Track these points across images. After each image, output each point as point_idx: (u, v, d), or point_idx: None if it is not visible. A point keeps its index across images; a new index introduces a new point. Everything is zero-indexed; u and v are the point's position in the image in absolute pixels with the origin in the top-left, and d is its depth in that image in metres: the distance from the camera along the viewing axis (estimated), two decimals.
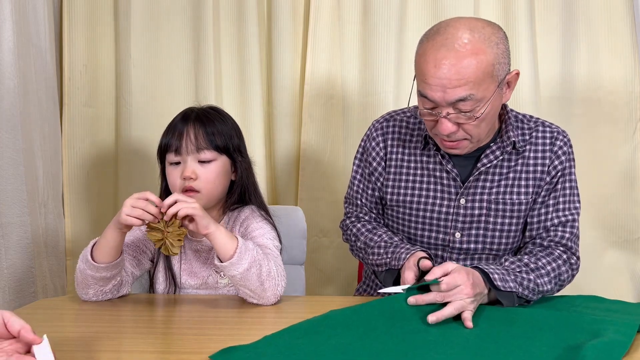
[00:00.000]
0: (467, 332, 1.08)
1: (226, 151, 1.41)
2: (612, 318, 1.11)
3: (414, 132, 1.45)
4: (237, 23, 2.05)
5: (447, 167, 1.38)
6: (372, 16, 2.02)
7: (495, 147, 1.37)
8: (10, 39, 1.56)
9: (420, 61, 1.25)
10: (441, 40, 1.22)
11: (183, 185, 1.37)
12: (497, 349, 1.00)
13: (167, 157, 1.41)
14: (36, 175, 1.71)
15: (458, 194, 1.38)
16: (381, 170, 1.47)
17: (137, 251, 1.43)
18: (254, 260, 1.25)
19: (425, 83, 1.23)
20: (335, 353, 0.99)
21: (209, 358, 0.97)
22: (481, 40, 1.21)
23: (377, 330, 1.09)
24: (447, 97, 1.21)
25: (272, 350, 1.01)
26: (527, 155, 1.38)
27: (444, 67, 1.19)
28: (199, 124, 1.39)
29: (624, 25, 1.98)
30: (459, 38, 1.21)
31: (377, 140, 1.48)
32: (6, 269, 1.53)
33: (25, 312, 1.31)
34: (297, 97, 2.07)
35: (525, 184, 1.37)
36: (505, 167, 1.38)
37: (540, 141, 1.38)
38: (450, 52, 1.20)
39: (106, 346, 1.09)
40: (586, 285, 2.03)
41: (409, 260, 1.27)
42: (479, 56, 1.20)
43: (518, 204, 1.37)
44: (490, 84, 1.23)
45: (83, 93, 2.00)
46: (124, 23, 2.01)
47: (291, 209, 1.74)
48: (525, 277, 1.24)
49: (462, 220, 1.38)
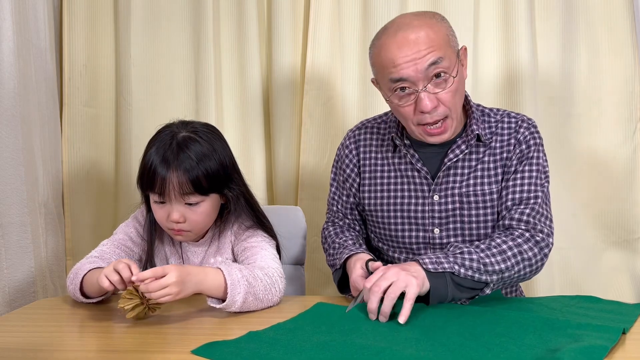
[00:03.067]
0: (449, 330, 1.09)
1: (214, 190, 1.34)
2: (601, 322, 1.11)
3: (385, 137, 1.49)
4: (237, 23, 2.05)
5: (417, 165, 1.41)
6: (372, 16, 2.02)
7: (460, 141, 1.40)
8: (10, 39, 1.56)
9: (382, 54, 1.30)
10: (394, 29, 1.30)
11: (171, 226, 1.34)
12: (477, 346, 1.01)
13: (151, 196, 1.34)
14: (36, 175, 1.71)
15: (430, 191, 1.41)
16: (354, 177, 1.51)
17: (128, 253, 1.43)
18: (247, 291, 1.22)
19: (395, 67, 1.28)
20: (318, 349, 1.00)
21: (191, 352, 0.98)
22: (427, 18, 1.31)
23: (361, 328, 1.11)
24: (419, 66, 1.26)
25: (254, 345, 1.02)
26: (494, 146, 1.40)
27: (408, 43, 1.27)
28: (182, 171, 1.28)
29: (624, 25, 1.97)
30: (409, 21, 1.30)
31: (349, 149, 1.52)
32: (6, 269, 1.53)
33: (25, 312, 1.31)
34: (297, 97, 2.07)
35: (494, 173, 1.39)
36: (473, 159, 1.40)
37: (506, 131, 1.41)
38: (407, 32, 1.28)
39: (107, 346, 1.09)
40: (586, 285, 2.04)
41: (356, 265, 1.31)
42: (433, 27, 1.29)
43: (490, 194, 1.39)
44: (451, 53, 1.30)
45: (83, 93, 2.00)
46: (124, 23, 2.01)
47: (291, 209, 1.74)
48: (467, 257, 1.24)
49: (439, 216, 1.41)
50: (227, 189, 1.37)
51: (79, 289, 1.30)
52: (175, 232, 1.35)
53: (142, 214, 1.47)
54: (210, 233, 1.45)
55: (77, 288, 1.30)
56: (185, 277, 1.16)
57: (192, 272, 1.19)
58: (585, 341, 0.99)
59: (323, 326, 1.12)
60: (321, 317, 1.18)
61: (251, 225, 1.42)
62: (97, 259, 1.37)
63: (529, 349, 0.99)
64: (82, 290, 1.30)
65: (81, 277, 1.30)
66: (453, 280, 1.22)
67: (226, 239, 1.44)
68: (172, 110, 1.46)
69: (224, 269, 1.22)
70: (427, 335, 1.07)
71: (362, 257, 1.34)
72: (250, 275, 1.24)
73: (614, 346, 1.00)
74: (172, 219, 1.32)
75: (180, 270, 1.16)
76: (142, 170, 1.34)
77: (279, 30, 2.03)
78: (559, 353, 0.94)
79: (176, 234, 1.36)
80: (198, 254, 1.45)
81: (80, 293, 1.30)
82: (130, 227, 1.46)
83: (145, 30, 2.02)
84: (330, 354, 0.98)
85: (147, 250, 1.45)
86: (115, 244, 1.42)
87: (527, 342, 1.02)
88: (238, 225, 1.43)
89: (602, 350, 0.96)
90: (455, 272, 1.22)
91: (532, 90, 1.99)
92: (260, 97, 2.07)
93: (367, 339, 1.04)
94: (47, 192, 1.79)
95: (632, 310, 1.22)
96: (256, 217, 1.43)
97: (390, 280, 1.16)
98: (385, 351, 0.98)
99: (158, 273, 1.14)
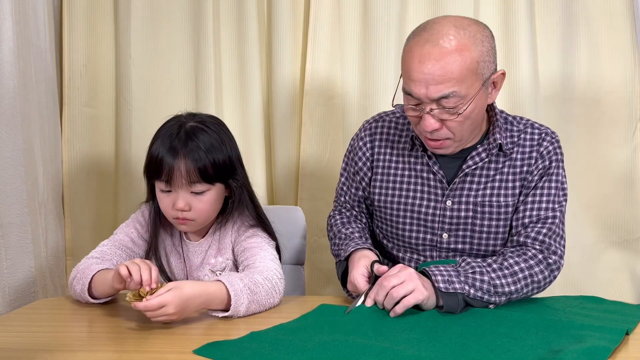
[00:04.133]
0: (451, 330, 1.09)
1: (220, 179, 1.36)
2: (603, 323, 1.11)
3: (402, 132, 1.46)
4: (237, 23, 2.05)
5: (434, 168, 1.39)
6: (372, 16, 2.02)
7: (481, 148, 1.36)
8: (10, 39, 1.56)
9: (406, 57, 1.26)
10: (427, 36, 1.23)
11: (176, 215, 1.34)
12: (479, 347, 1.01)
13: (157, 184, 1.35)
14: (36, 175, 1.71)
15: (444, 196, 1.38)
16: (366, 171, 1.48)
17: (129, 253, 1.43)
18: (250, 300, 1.22)
19: (410, 79, 1.24)
20: (320, 349, 1.00)
21: (193, 352, 0.98)
22: (466, 37, 1.22)
23: (363, 328, 1.11)
24: (430, 94, 1.22)
25: (256, 345, 1.02)
26: (515, 157, 1.36)
27: (428, 63, 1.20)
28: (190, 160, 1.30)
29: (624, 25, 1.97)
30: (444, 35, 1.21)
31: (364, 141, 1.49)
32: (6, 269, 1.53)
33: (25, 312, 1.31)
34: (297, 98, 2.07)
35: (512, 185, 1.35)
36: (492, 169, 1.37)
37: (528, 142, 1.37)
38: (434, 48, 1.20)
39: (107, 346, 1.09)
40: (586, 285, 2.03)
41: (360, 262, 1.29)
42: (464, 53, 1.20)
43: (505, 206, 1.35)
44: (474, 82, 1.23)
45: (83, 93, 2.00)
46: (124, 23, 2.01)
47: (291, 209, 1.74)
48: (479, 278, 1.22)
49: (449, 221, 1.38)
50: (232, 179, 1.38)
51: (87, 290, 1.29)
52: (180, 221, 1.35)
53: (142, 214, 1.47)
54: (211, 232, 1.45)
55: (85, 289, 1.29)
56: (184, 305, 1.15)
57: (193, 295, 1.17)
58: (588, 342, 0.99)
59: (325, 326, 1.12)
60: (323, 318, 1.18)
61: (252, 226, 1.42)
62: (98, 259, 1.36)
63: (531, 350, 0.99)
64: (89, 291, 1.30)
65: (90, 277, 1.29)
66: (463, 299, 1.22)
67: (227, 239, 1.44)
68: (172, 110, 1.45)
69: (225, 281, 1.22)
70: (429, 335, 1.07)
71: (368, 254, 1.33)
72: (251, 283, 1.24)
73: (616, 347, 0.99)
74: (178, 207, 1.32)
75: (179, 298, 1.14)
76: (149, 159, 1.35)
77: (279, 30, 2.03)
78: (561, 354, 0.94)
79: (180, 223, 1.36)
80: (198, 254, 1.45)
81: (88, 294, 1.29)
82: (130, 228, 1.46)
83: (145, 30, 2.02)
84: (332, 354, 0.98)
85: (149, 242, 1.45)
86: (115, 245, 1.42)
87: (530, 342, 1.02)
88: (239, 224, 1.43)
89: (605, 351, 0.96)
90: (465, 293, 1.21)
91: (532, 90, 1.99)
92: (260, 97, 2.07)
93: (369, 339, 1.04)
94: (47, 192, 1.78)
95: (636, 311, 1.22)
96: (257, 215, 1.44)
97: (402, 280, 1.17)
98: (387, 351, 0.98)
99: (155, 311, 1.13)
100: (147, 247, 1.45)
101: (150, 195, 1.42)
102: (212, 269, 1.43)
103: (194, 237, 1.46)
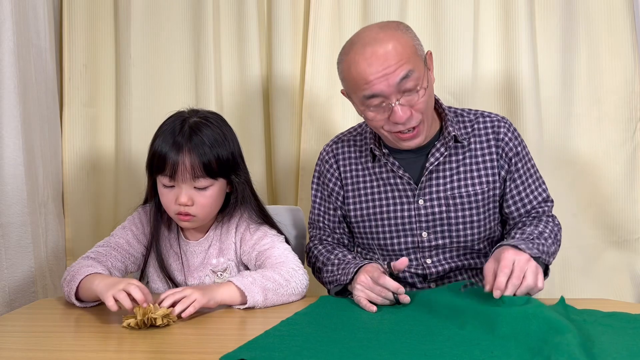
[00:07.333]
0: (469, 324, 1.09)
1: (223, 174, 1.37)
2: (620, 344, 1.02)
3: (362, 148, 1.50)
4: (237, 23, 2.05)
5: (399, 172, 1.43)
6: (372, 16, 2.02)
7: (439, 144, 1.42)
8: (10, 39, 1.56)
9: (352, 70, 1.30)
10: (361, 43, 1.30)
11: (178, 210, 1.35)
12: (479, 341, 1.01)
13: (160, 179, 1.35)
14: (36, 175, 1.72)
15: (415, 196, 1.42)
16: (338, 190, 1.51)
17: (124, 255, 1.43)
18: (263, 286, 1.26)
19: (367, 84, 1.28)
20: (335, 345, 1.01)
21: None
22: (392, 29, 1.31)
23: (367, 325, 1.13)
24: (391, 81, 1.27)
25: (278, 342, 1.03)
26: (474, 147, 1.43)
27: (377, 60, 1.27)
28: (194, 154, 1.30)
29: (624, 25, 1.97)
30: (375, 35, 1.30)
31: (329, 163, 1.53)
32: (6, 269, 1.53)
33: (25, 312, 1.31)
34: (297, 97, 2.07)
35: (477, 174, 1.42)
36: (454, 161, 1.42)
37: (483, 132, 1.44)
38: (374, 47, 1.28)
39: (107, 346, 1.09)
40: (586, 285, 2.03)
41: (373, 267, 1.26)
42: (399, 39, 1.29)
43: (474, 195, 1.41)
44: (419, 61, 1.30)
45: (83, 93, 2.00)
46: (124, 23, 2.01)
47: (291, 209, 1.74)
48: (537, 242, 1.30)
49: (425, 219, 1.42)
50: (235, 175, 1.39)
51: (74, 294, 1.27)
52: (182, 216, 1.35)
53: (139, 217, 1.47)
54: (212, 230, 1.45)
55: (72, 292, 1.27)
56: (202, 288, 1.23)
57: (205, 287, 1.26)
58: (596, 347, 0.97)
59: (335, 318, 1.17)
60: (332, 310, 1.23)
61: (258, 225, 1.43)
62: (93, 260, 1.35)
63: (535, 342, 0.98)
64: (76, 295, 1.28)
65: (78, 281, 1.27)
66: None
67: (230, 240, 1.44)
68: (172, 110, 1.46)
69: (232, 279, 1.27)
70: (449, 330, 1.08)
71: (374, 265, 1.29)
72: (259, 276, 1.28)
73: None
74: (181, 202, 1.33)
75: (194, 287, 1.23)
76: (152, 153, 1.35)
77: (279, 30, 2.03)
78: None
79: (182, 219, 1.36)
80: (198, 254, 1.45)
81: (75, 297, 1.28)
82: (127, 230, 1.45)
83: (145, 30, 2.02)
84: (352, 343, 1.01)
85: (150, 239, 1.44)
86: (111, 246, 1.41)
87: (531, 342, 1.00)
88: (245, 227, 1.43)
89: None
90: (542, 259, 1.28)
91: (532, 90, 1.99)
92: (260, 97, 2.07)
93: (372, 333, 1.07)
94: (47, 192, 1.79)
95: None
96: (260, 210, 1.45)
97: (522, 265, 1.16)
98: (397, 346, 1.00)
99: (177, 296, 1.19)
100: (147, 245, 1.45)
101: (151, 193, 1.42)
102: (213, 270, 1.44)
103: (193, 236, 1.46)
